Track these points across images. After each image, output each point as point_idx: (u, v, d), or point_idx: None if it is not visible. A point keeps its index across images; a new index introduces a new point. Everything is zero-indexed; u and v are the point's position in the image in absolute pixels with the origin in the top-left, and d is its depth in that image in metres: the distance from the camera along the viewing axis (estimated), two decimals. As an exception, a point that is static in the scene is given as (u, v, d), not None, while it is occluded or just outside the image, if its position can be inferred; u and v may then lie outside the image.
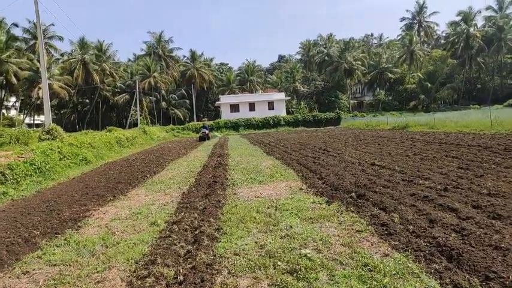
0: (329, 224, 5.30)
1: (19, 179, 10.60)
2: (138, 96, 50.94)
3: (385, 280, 3.45)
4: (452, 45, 62.25)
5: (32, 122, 60.34)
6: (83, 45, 57.37)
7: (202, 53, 72.67)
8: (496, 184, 6.79)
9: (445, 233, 4.47)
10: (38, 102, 49.61)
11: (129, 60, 78.51)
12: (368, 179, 8.11)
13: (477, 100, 62.92)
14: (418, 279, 3.45)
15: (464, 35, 58.93)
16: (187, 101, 66.85)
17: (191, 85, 64.76)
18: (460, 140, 15.62)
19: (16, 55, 48.88)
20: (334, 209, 6.06)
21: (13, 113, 66.79)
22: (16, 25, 51.76)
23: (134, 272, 4.05)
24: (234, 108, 53.87)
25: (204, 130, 32.40)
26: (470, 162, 9.45)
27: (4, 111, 57.78)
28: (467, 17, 59.24)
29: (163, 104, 64.73)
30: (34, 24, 48.96)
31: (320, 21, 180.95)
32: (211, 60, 75.85)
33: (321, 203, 6.51)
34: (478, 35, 57.98)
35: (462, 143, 14.09)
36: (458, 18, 61.13)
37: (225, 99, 55.95)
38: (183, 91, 67.60)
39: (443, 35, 75.16)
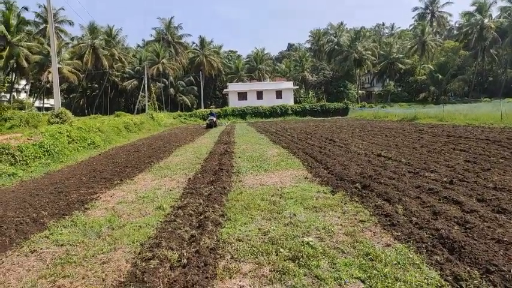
0: (332, 214, 5.33)
1: (28, 161, 10.77)
2: (146, 82, 51.04)
3: (386, 269, 3.49)
4: (465, 37, 61.09)
5: (41, 105, 60.88)
6: (92, 30, 57.43)
7: (211, 40, 72.49)
8: (502, 178, 6.74)
9: (448, 226, 4.47)
10: (48, 86, 50.00)
11: (138, 46, 78.64)
12: (373, 170, 8.10)
13: (488, 93, 61.95)
14: (419, 269, 3.48)
15: (478, 26, 57.73)
16: (195, 88, 66.85)
17: (199, 72, 64.65)
18: (469, 133, 15.46)
19: (27, 39, 49.11)
20: (339, 198, 6.08)
21: (23, 96, 67.36)
22: (26, 8, 51.91)
23: (139, 254, 4.13)
24: (242, 96, 53.75)
25: (212, 117, 32.27)
26: (477, 156, 9.37)
27: (15, 94, 58.29)
28: (482, 8, 57.90)
29: (171, 90, 64.81)
30: (45, 8, 49.01)
31: (331, 11, 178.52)
32: (220, 47, 75.47)
33: (325, 193, 6.53)
34: (492, 26, 56.79)
35: (471, 136, 13.95)
36: (472, 9, 59.82)
37: (233, 87, 55.81)
38: (191, 78, 67.56)
39: (457, 25, 73.74)
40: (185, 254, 3.98)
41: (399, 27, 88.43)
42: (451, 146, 11.54)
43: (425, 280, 3.28)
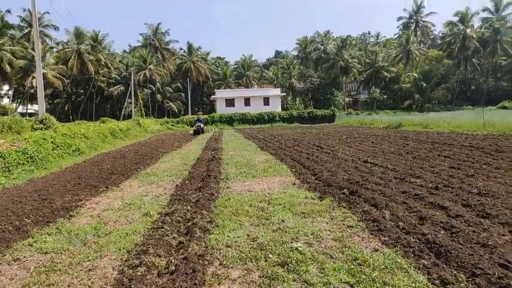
0: (321, 219, 5.35)
1: (11, 168, 10.52)
2: (133, 88, 50.65)
3: (374, 274, 3.51)
4: (449, 46, 62.64)
5: (25, 111, 59.71)
6: (78, 35, 56.79)
7: (199, 47, 72.44)
8: (486, 184, 6.88)
9: (434, 230, 4.54)
10: (32, 91, 49.15)
11: (125, 51, 78.05)
12: (361, 176, 8.17)
13: (471, 101, 63.43)
14: (407, 273, 3.51)
15: (460, 36, 59.30)
16: (183, 94, 66.61)
17: (187, 78, 64.49)
18: (453, 140, 15.76)
19: (10, 43, 48.27)
20: (327, 204, 6.11)
21: (6, 101, 66.01)
22: (9, 11, 51.16)
23: (126, 261, 4.07)
24: (230, 102, 53.78)
25: (199, 124, 31.98)
26: (461, 162, 9.55)
27: (-3, 99, 57.16)
28: (464, 18, 59.56)
29: (159, 96, 64.43)
30: (29, 11, 48.35)
31: (318, 19, 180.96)
32: (207, 54, 75.49)
33: (313, 198, 6.55)
34: (474, 36, 58.39)
35: (454, 143, 14.23)
36: (455, 19, 61.45)
37: (221, 94, 55.82)
38: (179, 84, 67.32)
39: (440, 35, 75.47)
40: (173, 261, 3.93)
41: (384, 36, 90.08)
42: (435, 153, 11.74)
43: (413, 284, 3.31)
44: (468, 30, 59.21)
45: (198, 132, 30.74)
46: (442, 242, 4.07)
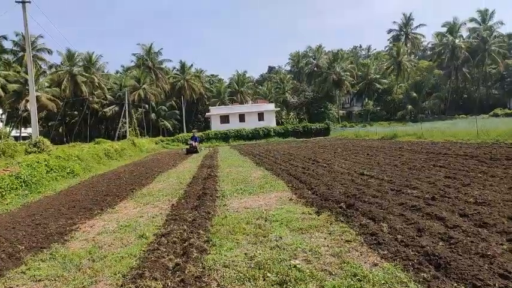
0: (318, 235, 5.30)
1: (4, 193, 10.39)
2: (127, 108, 50.72)
3: (374, 290, 3.46)
4: (439, 56, 63.72)
5: (18, 134, 59.41)
6: (70, 57, 57.09)
7: (192, 65, 72.85)
8: (482, 193, 6.89)
9: (433, 242, 4.50)
10: (25, 114, 49.03)
11: (117, 72, 78.43)
12: (357, 189, 8.15)
13: (464, 110, 64.15)
14: (407, 288, 3.46)
15: (450, 46, 60.39)
16: (177, 112, 66.77)
17: (181, 96, 64.77)
18: (447, 149, 15.84)
19: (4, 67, 48.38)
20: (324, 219, 6.07)
21: (-1, 125, 65.74)
22: (5, 37, 51.53)
23: (121, 286, 3.98)
24: (224, 119, 53.90)
25: (191, 142, 28.93)
26: (457, 171, 9.58)
27: (-10, 124, 56.91)
28: (452, 29, 60.82)
29: (153, 115, 64.51)
30: (23, 36, 48.64)
31: (309, 34, 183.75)
32: (201, 71, 76.08)
33: (310, 214, 6.51)
34: (463, 46, 59.51)
35: (449, 153, 14.29)
36: (444, 29, 62.66)
37: (215, 111, 55.99)
38: (173, 102, 67.58)
39: (430, 46, 76.80)
40: (170, 284, 3.86)
41: (375, 49, 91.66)
42: (431, 163, 11.77)
43: (414, 299, 3.26)
44: (457, 41, 60.36)
45: (191, 151, 28.03)
46: (441, 254, 4.03)
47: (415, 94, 60.51)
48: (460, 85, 69.27)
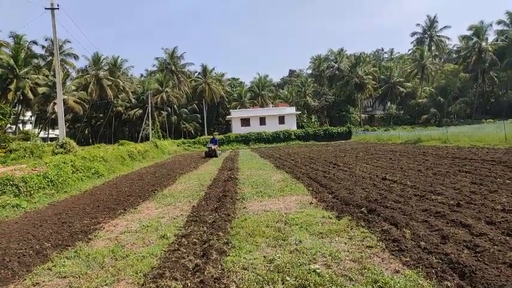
0: (339, 239, 5.24)
1: (32, 192, 10.76)
2: (150, 110, 51.66)
3: (396, 297, 3.39)
4: (464, 60, 61.88)
5: (46, 135, 61.48)
6: (96, 60, 58.71)
7: (213, 68, 73.58)
8: (510, 200, 6.65)
9: (457, 250, 4.38)
10: (53, 116, 50.66)
11: (142, 75, 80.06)
12: (379, 194, 8.02)
13: (491, 114, 62.08)
14: (430, 296, 3.38)
15: (476, 49, 58.55)
16: (199, 115, 67.52)
17: (202, 99, 65.46)
18: (474, 154, 15.38)
19: (33, 71, 50.21)
20: (344, 223, 6.00)
21: (28, 127, 68.22)
22: (35, 43, 53.65)
23: (142, 285, 4.05)
24: (245, 122, 54.13)
25: (210, 145, 27.51)
26: (483, 177, 9.28)
27: (20, 125, 59.11)
28: (479, 31, 58.97)
29: (175, 118, 65.45)
30: (51, 41, 50.41)
31: (330, 39, 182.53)
32: (222, 75, 76.72)
33: (330, 218, 6.44)
34: (490, 49, 57.59)
35: (476, 158, 13.87)
36: (470, 33, 60.89)
37: (236, 114, 56.28)
38: (195, 105, 68.35)
39: (455, 49, 74.80)
40: (189, 284, 3.90)
41: (398, 52, 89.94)
42: (456, 168, 11.46)
43: (437, 307, 3.18)
44: (483, 43, 58.48)
45: (210, 155, 26.58)
46: (466, 262, 3.91)
47: (440, 98, 58.98)
48: (487, 89, 67.08)
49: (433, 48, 72.74)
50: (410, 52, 78.79)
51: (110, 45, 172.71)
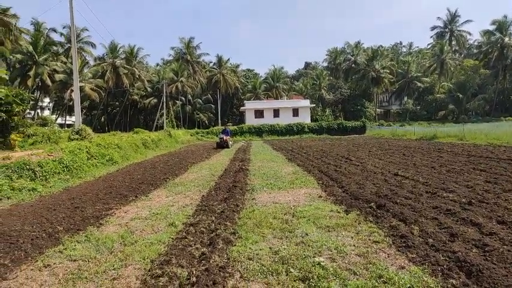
0: (345, 233, 5.23)
1: (48, 176, 11.02)
2: (165, 100, 52.03)
3: (399, 293, 3.38)
4: (485, 55, 60.16)
5: (63, 122, 62.62)
6: (113, 49, 59.22)
7: (228, 59, 73.40)
8: (524, 200, 6.50)
9: (465, 248, 4.33)
10: (70, 103, 51.48)
11: (157, 64, 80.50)
12: (390, 190, 7.95)
13: (510, 112, 60.47)
14: (434, 293, 3.36)
15: (498, 45, 56.86)
16: (213, 106, 67.74)
17: (217, 90, 65.57)
18: (490, 152, 15.06)
19: (52, 58, 51.01)
20: (352, 218, 5.98)
21: (47, 113, 69.56)
22: (54, 30, 54.38)
23: (149, 270, 4.14)
24: (259, 114, 54.03)
25: (222, 136, 27.12)
26: (498, 176, 9.10)
27: (39, 111, 60.32)
28: (502, 26, 57.17)
29: (189, 107, 65.81)
30: (69, 28, 50.99)
31: (348, 33, 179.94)
32: (237, 66, 76.52)
33: (339, 212, 6.43)
34: (513, 45, 55.90)
35: (492, 156, 13.58)
36: (492, 27, 59.11)
37: (250, 105, 56.21)
38: (209, 96, 68.56)
39: (476, 44, 72.82)
40: (195, 272, 3.96)
41: (417, 46, 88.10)
42: (471, 166, 11.25)
43: (440, 305, 3.16)
44: (506, 39, 56.73)
45: (221, 145, 26.41)
46: (473, 261, 3.87)
47: (459, 94, 57.68)
48: (508, 86, 65.26)
49: (453, 43, 71.00)
50: (429, 46, 77.16)
51: (125, 34, 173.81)
